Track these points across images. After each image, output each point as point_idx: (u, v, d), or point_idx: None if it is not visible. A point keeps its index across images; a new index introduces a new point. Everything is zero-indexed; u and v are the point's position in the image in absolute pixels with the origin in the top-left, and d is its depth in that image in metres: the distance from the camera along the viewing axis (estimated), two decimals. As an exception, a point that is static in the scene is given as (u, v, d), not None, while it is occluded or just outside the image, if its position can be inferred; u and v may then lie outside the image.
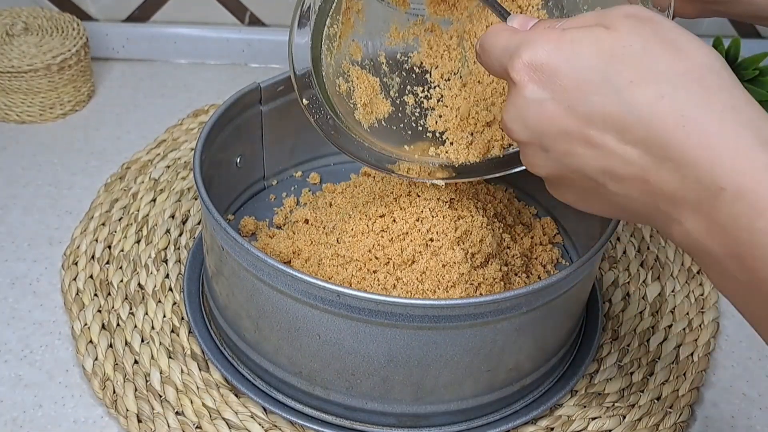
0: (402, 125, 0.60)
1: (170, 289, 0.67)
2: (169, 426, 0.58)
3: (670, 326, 0.67)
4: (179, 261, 0.70)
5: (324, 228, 0.66)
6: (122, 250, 0.70)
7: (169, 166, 0.80)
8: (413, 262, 0.59)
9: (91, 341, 0.63)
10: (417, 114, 0.60)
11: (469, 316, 0.51)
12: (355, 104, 0.59)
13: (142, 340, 0.63)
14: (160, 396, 0.60)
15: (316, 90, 0.57)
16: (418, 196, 0.61)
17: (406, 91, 0.60)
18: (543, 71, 0.40)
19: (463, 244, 0.60)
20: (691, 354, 0.65)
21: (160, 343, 0.63)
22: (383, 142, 0.60)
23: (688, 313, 0.69)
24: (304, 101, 0.58)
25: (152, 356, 0.62)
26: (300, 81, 0.57)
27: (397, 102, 0.60)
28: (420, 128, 0.60)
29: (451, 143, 0.59)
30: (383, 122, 0.60)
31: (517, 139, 0.43)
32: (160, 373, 0.61)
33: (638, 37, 0.39)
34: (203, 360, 0.62)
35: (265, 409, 0.59)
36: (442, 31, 0.59)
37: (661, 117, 0.37)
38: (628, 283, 0.71)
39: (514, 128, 0.43)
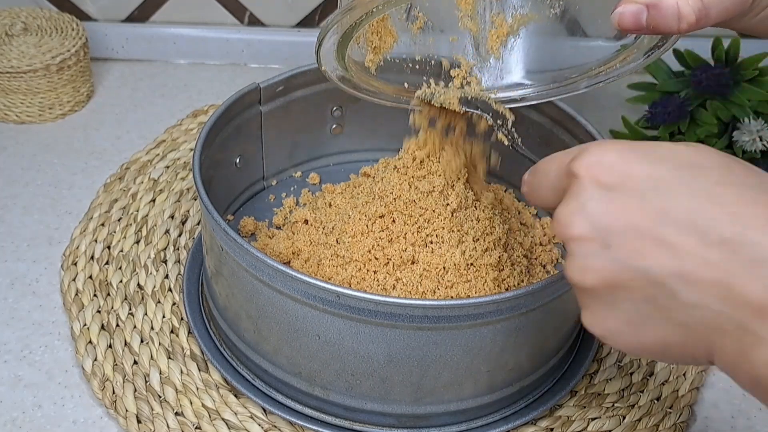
0: (404, 56, 0.60)
1: (170, 290, 0.67)
2: (168, 427, 0.58)
3: (670, 326, 0.67)
4: (179, 261, 0.70)
5: (323, 228, 0.66)
6: (122, 251, 0.70)
7: (168, 167, 0.80)
8: (413, 262, 0.59)
9: (90, 342, 0.63)
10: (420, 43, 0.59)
11: (469, 317, 0.51)
12: (367, 49, 0.59)
13: (142, 341, 0.63)
14: (160, 396, 0.60)
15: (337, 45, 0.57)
16: (417, 198, 0.61)
17: (413, 16, 0.59)
18: (613, 168, 0.37)
19: (463, 244, 0.60)
20: (691, 354, 0.65)
21: (160, 344, 0.63)
22: (385, 83, 0.60)
23: (688, 314, 0.69)
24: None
25: (152, 357, 0.62)
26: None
27: (405, 25, 0.59)
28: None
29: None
30: (387, 57, 0.59)
31: (573, 234, 0.37)
32: (160, 373, 0.61)
33: (716, 155, 0.37)
34: (203, 360, 0.62)
35: (264, 410, 0.59)
36: None
37: (754, 215, 0.34)
38: (628, 283, 0.71)
39: (574, 221, 0.37)
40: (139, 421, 0.58)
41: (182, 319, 0.65)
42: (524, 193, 0.44)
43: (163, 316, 0.65)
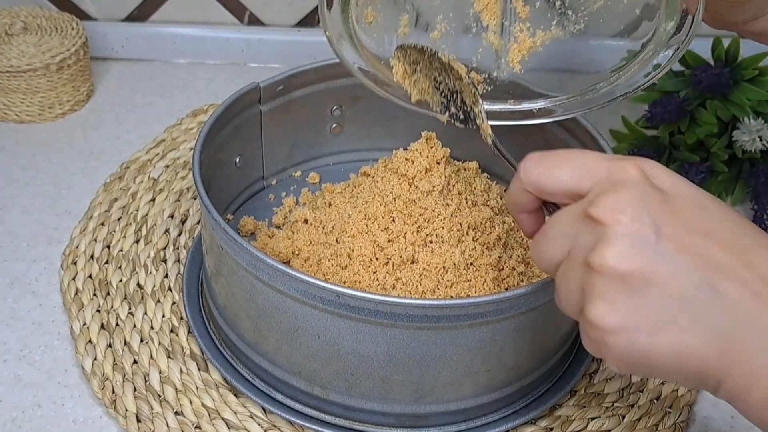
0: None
1: (169, 289, 0.67)
2: (168, 426, 0.58)
3: (669, 326, 0.67)
4: (178, 261, 0.70)
5: (323, 228, 0.66)
6: (121, 250, 0.70)
7: (168, 166, 0.80)
8: (413, 261, 0.59)
9: (90, 341, 0.63)
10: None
11: (468, 316, 0.51)
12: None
13: (141, 340, 0.63)
14: (160, 396, 0.60)
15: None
16: (417, 197, 0.61)
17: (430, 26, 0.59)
18: (656, 175, 0.38)
19: (463, 243, 0.60)
20: (691, 354, 0.65)
21: (159, 343, 0.63)
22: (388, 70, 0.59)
23: (687, 313, 0.69)
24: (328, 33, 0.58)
25: (151, 356, 0.62)
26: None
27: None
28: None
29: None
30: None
31: (622, 219, 0.36)
32: (159, 373, 0.61)
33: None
34: (202, 360, 0.62)
35: (264, 409, 0.59)
36: None
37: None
38: (628, 283, 0.71)
39: (626, 208, 0.37)
40: (138, 421, 0.58)
41: (182, 318, 0.65)
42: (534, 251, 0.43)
43: (163, 316, 0.65)
